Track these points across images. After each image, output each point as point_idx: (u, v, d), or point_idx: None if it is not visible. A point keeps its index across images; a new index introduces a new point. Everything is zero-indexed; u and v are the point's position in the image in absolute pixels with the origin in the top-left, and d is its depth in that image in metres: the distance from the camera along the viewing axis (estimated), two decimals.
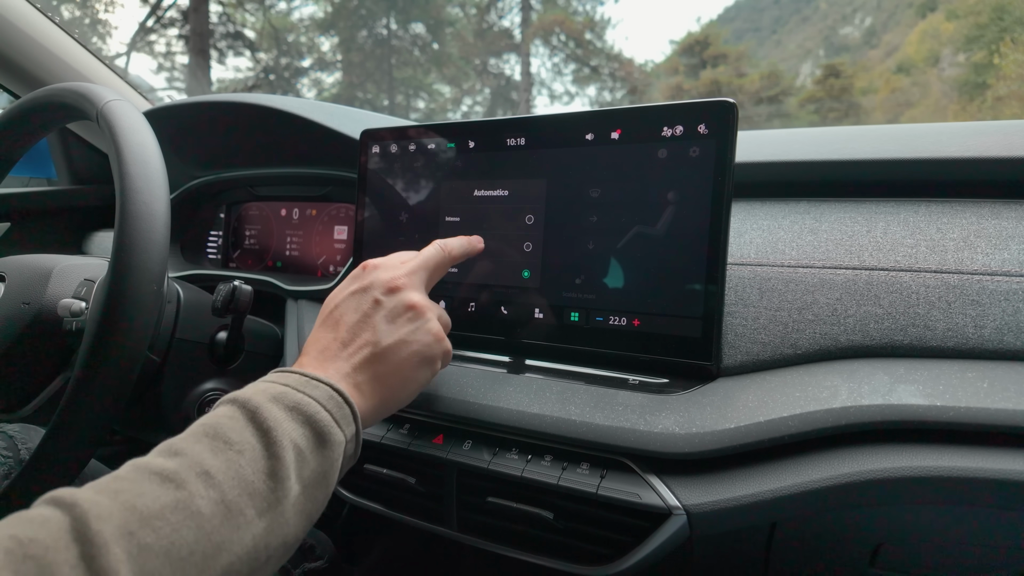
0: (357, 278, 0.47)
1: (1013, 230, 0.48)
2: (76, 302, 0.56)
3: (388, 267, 0.47)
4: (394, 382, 0.43)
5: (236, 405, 0.35)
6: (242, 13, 15.10)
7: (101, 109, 0.51)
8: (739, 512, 0.42)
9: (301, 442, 0.35)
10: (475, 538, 0.53)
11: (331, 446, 0.36)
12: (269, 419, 0.34)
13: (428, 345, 0.45)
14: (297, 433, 0.35)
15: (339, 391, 0.38)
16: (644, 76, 18.18)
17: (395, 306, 0.44)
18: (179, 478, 0.30)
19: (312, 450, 0.35)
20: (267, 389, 0.37)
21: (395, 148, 0.65)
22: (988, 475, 0.38)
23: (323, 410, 0.37)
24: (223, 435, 0.33)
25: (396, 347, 0.43)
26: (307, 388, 0.37)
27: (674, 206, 0.51)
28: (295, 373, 0.39)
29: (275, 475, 0.33)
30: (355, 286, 0.46)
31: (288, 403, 0.36)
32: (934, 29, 12.98)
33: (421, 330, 0.44)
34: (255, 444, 0.33)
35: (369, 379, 0.42)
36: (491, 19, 17.66)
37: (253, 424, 0.34)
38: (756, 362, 0.50)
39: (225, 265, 0.99)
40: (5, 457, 0.64)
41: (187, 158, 0.94)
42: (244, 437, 0.33)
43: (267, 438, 0.33)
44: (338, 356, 0.42)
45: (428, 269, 0.49)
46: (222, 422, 0.34)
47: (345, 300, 0.45)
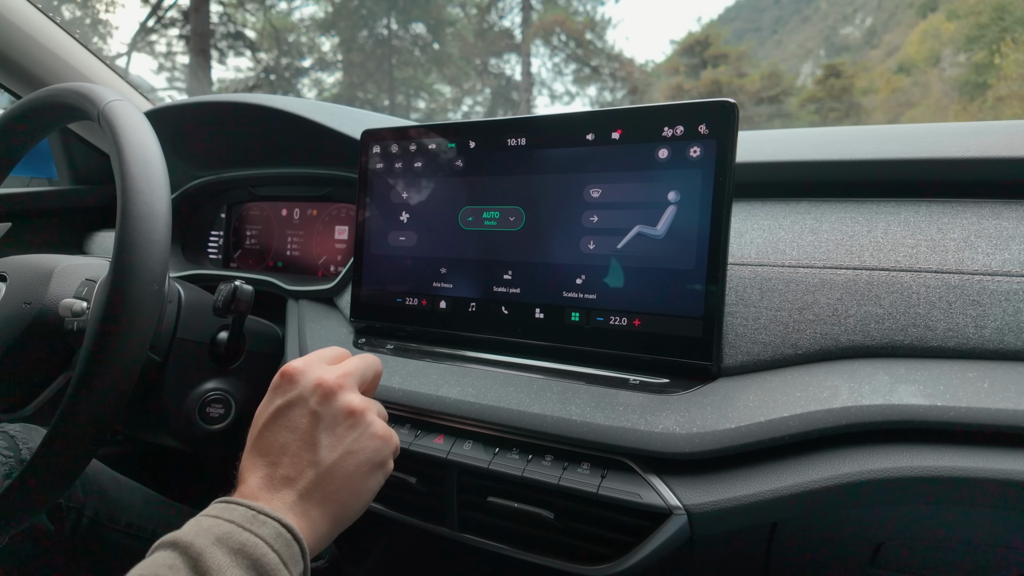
0: (281, 390, 0.42)
1: (1014, 230, 0.48)
2: (77, 302, 0.57)
3: (314, 369, 0.43)
4: (345, 498, 0.40)
5: (177, 551, 0.32)
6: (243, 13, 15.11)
7: (102, 109, 0.51)
8: (740, 512, 0.42)
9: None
10: (476, 538, 0.53)
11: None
12: (213, 569, 0.31)
13: (376, 450, 0.41)
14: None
15: (287, 526, 0.35)
16: (645, 76, 18.18)
17: (334, 414, 0.41)
18: None
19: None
20: (211, 528, 0.34)
21: (396, 148, 0.65)
22: (988, 475, 0.38)
23: (271, 551, 0.33)
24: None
25: (342, 461, 0.40)
26: (253, 526, 0.34)
27: (675, 206, 0.51)
28: (241, 506, 0.36)
29: None
30: (283, 399, 0.42)
31: (233, 545, 0.33)
32: (935, 29, 12.97)
33: (365, 435, 0.41)
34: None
35: (318, 503, 0.39)
36: (492, 19, 17.67)
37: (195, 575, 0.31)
38: (757, 362, 0.50)
39: (226, 265, 0.99)
40: (6, 457, 0.64)
41: (188, 158, 0.95)
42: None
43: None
44: (282, 484, 0.38)
45: (358, 375, 0.45)
46: (161, 573, 0.31)
47: (273, 418, 0.41)
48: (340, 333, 0.69)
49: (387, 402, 0.56)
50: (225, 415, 0.69)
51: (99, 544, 0.71)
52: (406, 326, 0.65)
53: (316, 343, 0.68)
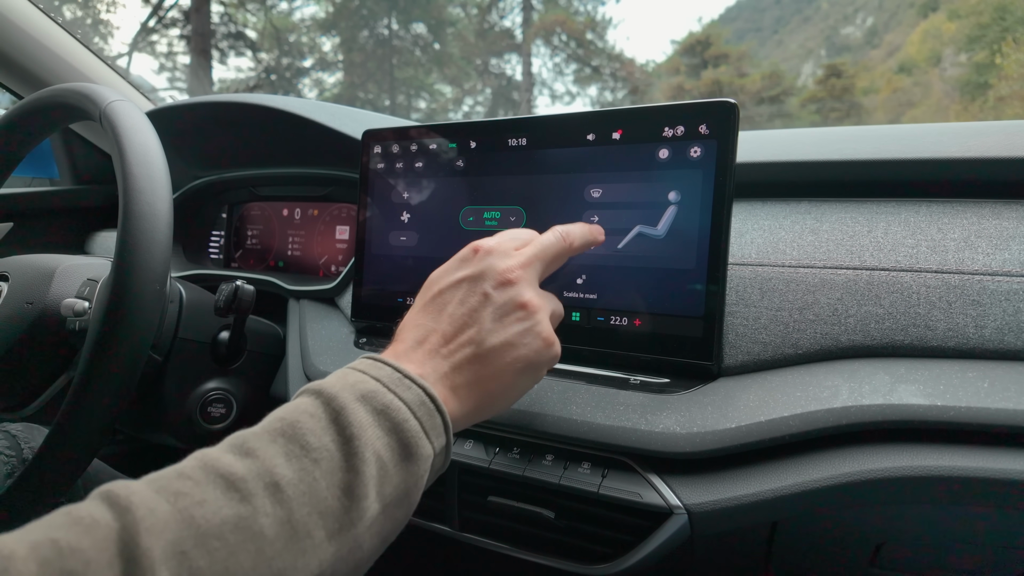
0: (467, 262, 0.42)
1: (1014, 230, 0.48)
2: (79, 302, 0.57)
3: (501, 253, 0.42)
4: (493, 387, 0.39)
5: (320, 400, 0.32)
6: (243, 13, 15.12)
7: (104, 109, 0.52)
8: (740, 511, 0.42)
9: (385, 454, 0.32)
10: (476, 537, 0.53)
11: (417, 460, 0.33)
12: (353, 423, 0.31)
13: (537, 351, 0.40)
14: (382, 443, 0.32)
15: (432, 396, 0.35)
16: (645, 76, 18.18)
17: (505, 303, 0.40)
18: (246, 488, 0.27)
19: (396, 464, 0.32)
20: (356, 384, 0.33)
21: (397, 148, 0.65)
22: (989, 475, 0.38)
23: (413, 418, 0.33)
24: (300, 437, 0.30)
25: (501, 350, 0.39)
26: (399, 388, 0.34)
27: (675, 206, 0.51)
28: (388, 366, 0.35)
29: (352, 492, 0.30)
30: (464, 272, 0.41)
31: (376, 405, 0.33)
32: (936, 29, 12.96)
33: (530, 333, 0.40)
34: (334, 453, 0.30)
35: (467, 382, 0.38)
36: (492, 19, 17.67)
37: (335, 427, 0.31)
38: (757, 362, 0.50)
39: (227, 265, 0.99)
40: (8, 456, 0.64)
41: (189, 158, 0.95)
42: (323, 443, 0.30)
43: (348, 447, 0.30)
44: (437, 351, 0.38)
45: (545, 260, 0.44)
46: (302, 420, 0.31)
47: (451, 287, 0.41)
48: (341, 333, 0.69)
49: None
50: (226, 415, 0.70)
51: None
52: None
53: (317, 343, 0.68)
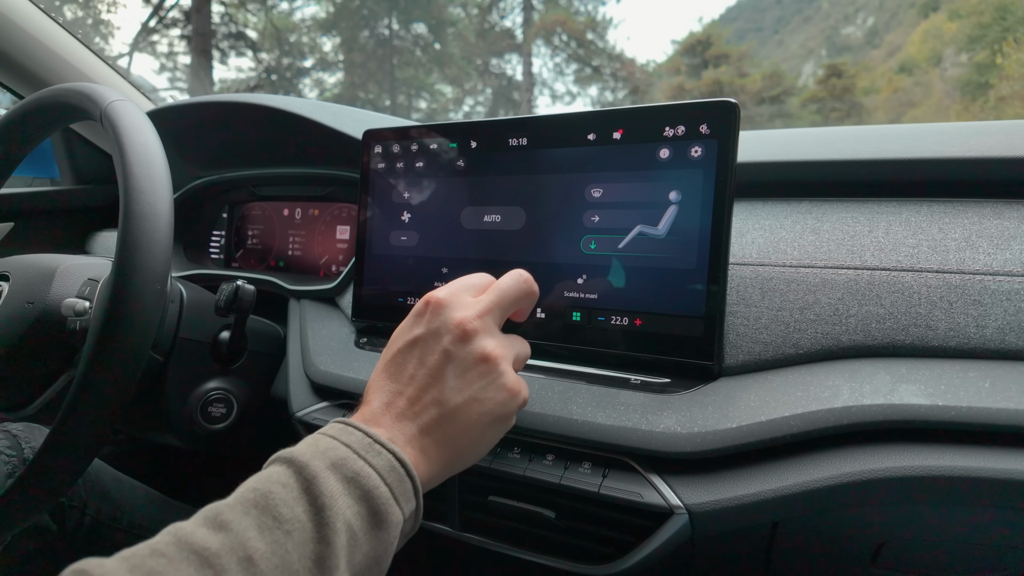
0: (422, 318, 0.42)
1: (1015, 230, 0.48)
2: (80, 301, 0.57)
3: (457, 305, 0.41)
4: (462, 444, 0.39)
5: (292, 469, 0.33)
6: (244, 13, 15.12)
7: (105, 109, 0.52)
8: (741, 511, 0.42)
9: (355, 523, 0.32)
10: (477, 537, 0.53)
11: (388, 527, 0.33)
12: (325, 493, 0.31)
13: (501, 403, 0.40)
14: (352, 512, 0.32)
15: (402, 461, 0.35)
16: (646, 76, 18.17)
17: (465, 357, 0.40)
18: (220, 564, 0.27)
19: (366, 532, 0.32)
20: (327, 451, 0.34)
21: (397, 148, 0.65)
22: (989, 475, 0.38)
23: (383, 484, 0.33)
24: (273, 509, 0.30)
25: (466, 407, 0.39)
26: (369, 454, 0.34)
27: (676, 206, 0.51)
28: (358, 431, 0.36)
29: (323, 564, 0.30)
30: (420, 331, 0.41)
31: (347, 473, 0.33)
32: (936, 29, 12.95)
33: (494, 385, 0.40)
34: (306, 524, 0.30)
35: (435, 442, 0.38)
36: (493, 19, 17.67)
37: (307, 497, 0.31)
38: (758, 362, 0.50)
39: (228, 265, 0.99)
40: (9, 456, 0.64)
41: (190, 158, 0.95)
42: (295, 514, 0.30)
43: (320, 517, 0.31)
44: (404, 414, 0.38)
45: (503, 306, 0.43)
46: (275, 490, 0.31)
47: (408, 347, 0.41)
48: (342, 333, 0.69)
49: None
50: (227, 415, 0.70)
51: (101, 543, 0.71)
52: None
53: (318, 343, 0.68)
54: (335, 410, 0.60)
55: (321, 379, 0.62)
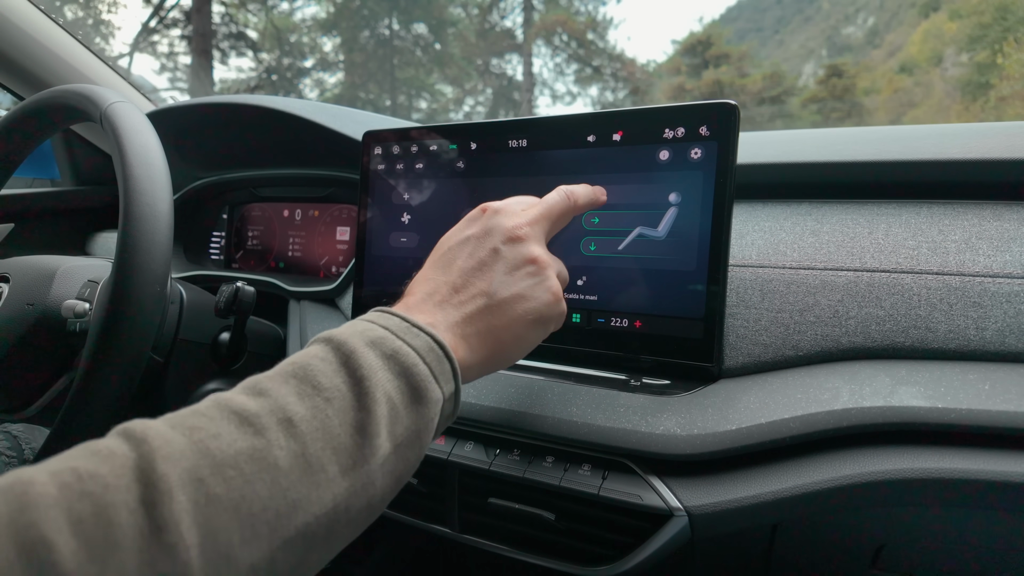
0: (475, 221, 0.43)
1: (1015, 232, 0.48)
2: (80, 303, 0.57)
3: (509, 213, 0.42)
4: (506, 337, 0.39)
5: (331, 346, 0.33)
6: (244, 14, 15.13)
7: (105, 111, 0.52)
8: (741, 513, 0.42)
9: (395, 396, 0.32)
10: (477, 539, 0.53)
11: (427, 403, 0.33)
12: (363, 366, 0.31)
13: (547, 304, 0.41)
14: (392, 385, 0.32)
15: (441, 344, 0.35)
16: (646, 76, 18.17)
17: (515, 258, 0.40)
18: (260, 423, 0.28)
19: (407, 405, 0.33)
20: (365, 331, 0.34)
21: (397, 149, 0.65)
22: (990, 477, 0.38)
23: (422, 362, 0.33)
24: (312, 378, 0.30)
25: (512, 301, 0.39)
26: (407, 336, 0.34)
27: (676, 208, 0.51)
28: (396, 316, 0.36)
29: (364, 430, 0.30)
30: (473, 230, 0.42)
31: (386, 350, 0.33)
32: (937, 29, 12.95)
33: (541, 287, 0.40)
34: (346, 392, 0.31)
35: (479, 332, 0.38)
36: (493, 19, 17.67)
37: (346, 369, 0.31)
38: (757, 364, 0.50)
39: (228, 266, 0.99)
40: (9, 457, 0.64)
41: (190, 159, 0.95)
42: (334, 383, 0.31)
43: (359, 387, 0.31)
44: (447, 302, 0.38)
45: (551, 219, 0.44)
46: (313, 363, 0.31)
47: (460, 244, 0.41)
48: None
49: None
50: None
51: None
52: None
53: None
54: None
55: None
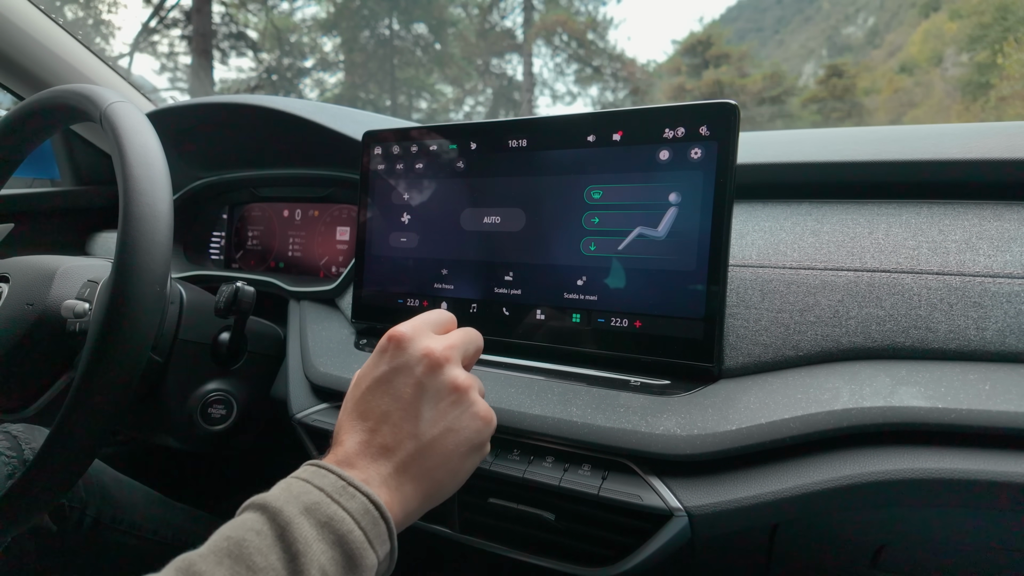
0: (388, 355, 0.41)
1: (1015, 232, 0.48)
2: (80, 303, 0.57)
3: (422, 338, 0.42)
4: (441, 476, 0.39)
5: (266, 516, 0.32)
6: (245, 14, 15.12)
7: (105, 111, 0.52)
8: (740, 514, 0.42)
9: (329, 568, 0.32)
10: (477, 539, 0.53)
11: (362, 571, 0.33)
12: (299, 540, 0.31)
13: (477, 431, 0.40)
14: (326, 557, 0.32)
15: (376, 504, 0.35)
16: (646, 76, 18.16)
17: (438, 388, 0.40)
18: None
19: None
20: (300, 495, 0.33)
21: (397, 149, 0.65)
22: (990, 477, 0.38)
23: (357, 528, 0.33)
24: (247, 558, 0.30)
25: (442, 437, 0.39)
26: (342, 498, 0.34)
27: (676, 208, 0.51)
28: (332, 474, 0.35)
29: None
30: (387, 367, 0.41)
31: (321, 518, 0.33)
32: (937, 29, 12.94)
33: (467, 414, 0.40)
34: (280, 572, 0.30)
35: (413, 478, 0.38)
36: (493, 19, 17.66)
37: (281, 544, 0.31)
38: (758, 364, 0.50)
39: (227, 266, 0.99)
40: (9, 457, 0.64)
41: (190, 159, 0.95)
42: (269, 562, 0.30)
43: (293, 565, 0.30)
44: (380, 453, 0.38)
45: (465, 346, 0.44)
46: (248, 538, 0.31)
47: (378, 383, 0.40)
48: (342, 334, 0.69)
49: None
50: (226, 416, 0.70)
51: (101, 544, 0.71)
52: None
53: (318, 344, 0.68)
54: (335, 411, 0.60)
55: (321, 380, 0.62)
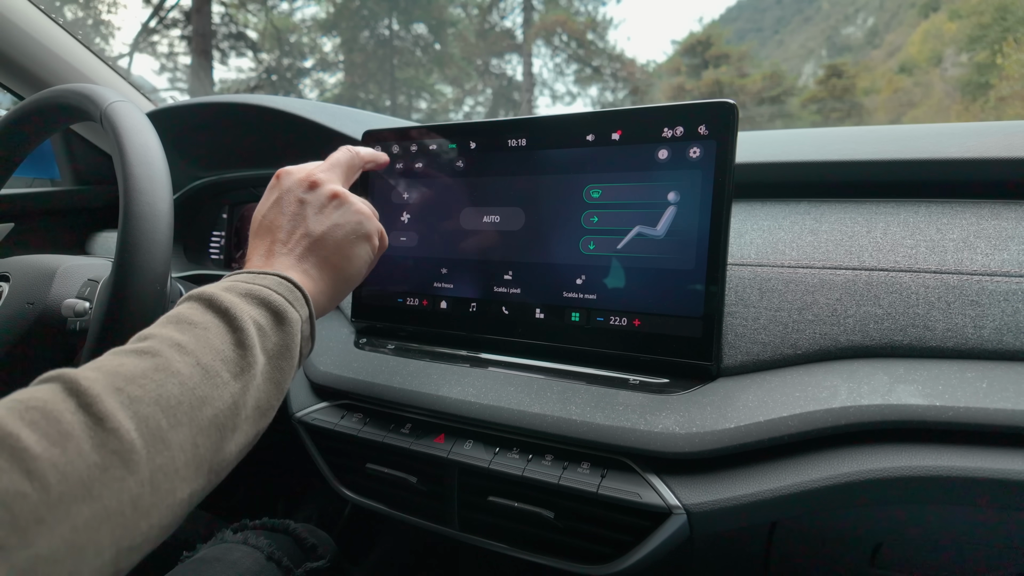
0: (275, 187, 0.48)
1: (1012, 231, 0.48)
2: (80, 302, 0.57)
3: (301, 168, 0.48)
4: (338, 261, 0.45)
5: (191, 299, 0.37)
6: (244, 14, 15.12)
7: (105, 110, 0.52)
8: (739, 511, 0.42)
9: (260, 319, 0.37)
10: (476, 537, 0.53)
11: (288, 323, 0.39)
12: (226, 301, 0.36)
13: (359, 223, 0.47)
14: (256, 312, 0.37)
15: (287, 278, 0.41)
16: (646, 76, 18.15)
17: (319, 199, 0.46)
18: (153, 350, 0.32)
19: (272, 326, 0.38)
20: (218, 284, 0.39)
21: (397, 149, 0.65)
22: (987, 475, 0.38)
23: (275, 293, 0.39)
24: (187, 319, 0.35)
25: (330, 231, 0.45)
26: (256, 280, 0.40)
27: (675, 207, 0.51)
28: (243, 272, 0.41)
29: (242, 344, 0.35)
30: (275, 194, 0.47)
31: (241, 291, 0.38)
32: (937, 29, 12.94)
33: (349, 211, 0.47)
34: (218, 323, 0.35)
35: (314, 264, 0.44)
36: (493, 19, 17.66)
37: (212, 309, 0.36)
38: (756, 362, 0.50)
39: (227, 265, 0.99)
40: None
41: (190, 159, 0.95)
42: (206, 319, 0.35)
43: (227, 316, 0.36)
44: (279, 252, 0.44)
45: (341, 166, 0.51)
46: (182, 311, 0.36)
47: (270, 209, 0.47)
48: (341, 333, 0.69)
49: (388, 402, 0.57)
50: None
51: None
52: (407, 326, 0.65)
53: (317, 343, 0.68)
54: (335, 410, 0.60)
55: (321, 379, 0.62)
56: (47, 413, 0.26)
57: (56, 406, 0.27)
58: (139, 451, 0.28)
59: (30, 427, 0.25)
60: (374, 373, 0.59)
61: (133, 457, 0.28)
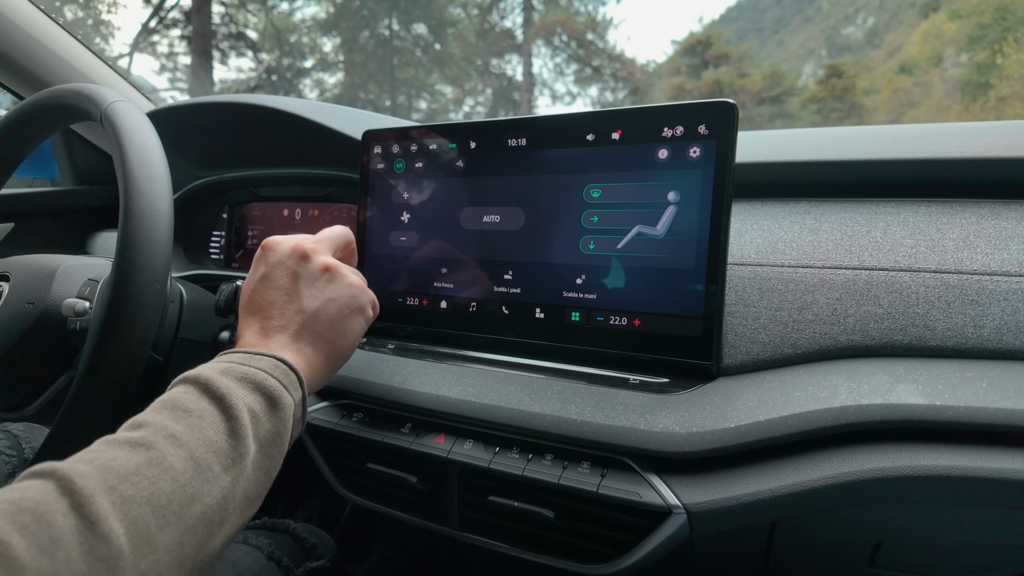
0: (263, 259, 0.48)
1: (1012, 230, 0.48)
2: (80, 302, 0.57)
3: (289, 239, 0.48)
4: (332, 337, 0.45)
5: (188, 382, 0.37)
6: (244, 14, 15.12)
7: (105, 110, 0.52)
8: (739, 511, 0.42)
9: (254, 406, 0.37)
10: (476, 537, 0.53)
11: (282, 408, 0.38)
12: (222, 388, 0.36)
13: (352, 296, 0.47)
14: (250, 398, 0.37)
15: (283, 360, 0.41)
16: (646, 76, 18.15)
17: (311, 272, 0.46)
18: (148, 442, 0.32)
19: (265, 412, 0.38)
20: (214, 366, 0.39)
21: (397, 148, 0.65)
22: (987, 474, 0.38)
23: (271, 377, 0.39)
24: (182, 406, 0.35)
25: (325, 306, 0.45)
26: (252, 362, 0.39)
27: (675, 206, 0.51)
28: (239, 352, 0.41)
29: (235, 434, 0.35)
30: (264, 267, 0.47)
31: (237, 375, 0.38)
32: (937, 29, 12.94)
33: (342, 285, 0.47)
34: (213, 410, 0.35)
35: (309, 342, 0.44)
36: (493, 20, 17.66)
37: (207, 395, 0.36)
38: (756, 362, 0.50)
39: (228, 265, 0.99)
40: (9, 456, 0.64)
41: (190, 158, 0.95)
42: (201, 406, 0.35)
43: (222, 404, 0.36)
44: (274, 330, 0.44)
45: (332, 240, 0.51)
46: (178, 396, 0.36)
47: (260, 284, 0.46)
48: None
49: (388, 401, 0.57)
50: None
51: None
52: (407, 326, 0.65)
53: None
54: (335, 410, 0.60)
55: None
56: (39, 516, 0.26)
57: (48, 507, 0.27)
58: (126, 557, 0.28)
59: (20, 532, 0.25)
60: (374, 373, 0.59)
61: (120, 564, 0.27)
